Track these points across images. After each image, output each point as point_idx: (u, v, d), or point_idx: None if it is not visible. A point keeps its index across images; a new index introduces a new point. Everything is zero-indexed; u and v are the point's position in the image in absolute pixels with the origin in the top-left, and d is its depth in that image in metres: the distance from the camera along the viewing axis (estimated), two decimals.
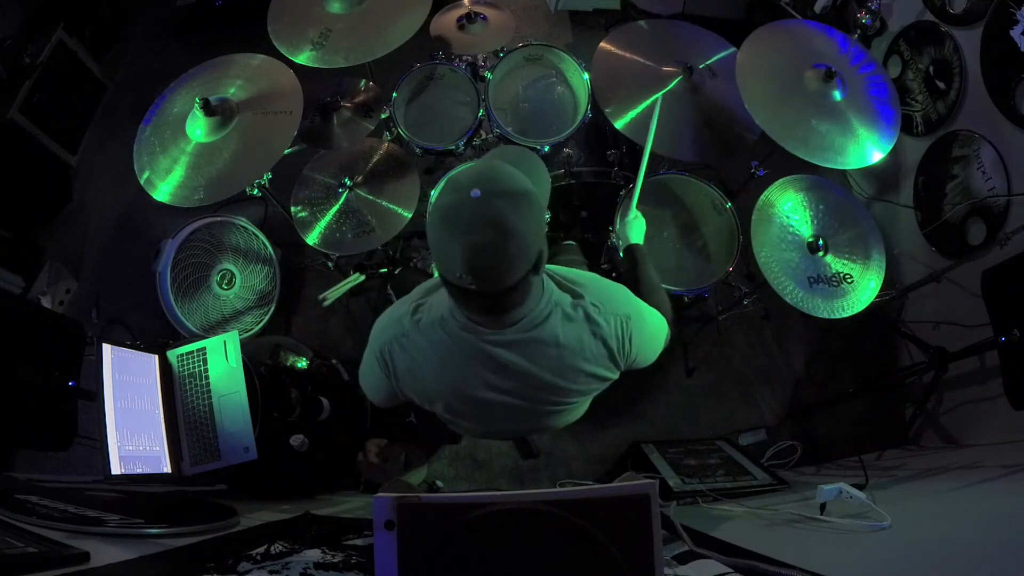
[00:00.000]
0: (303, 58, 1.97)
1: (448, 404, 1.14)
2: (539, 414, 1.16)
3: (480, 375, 1.06)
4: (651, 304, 1.21)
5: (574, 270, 1.16)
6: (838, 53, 1.94)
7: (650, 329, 1.16)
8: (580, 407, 1.22)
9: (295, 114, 1.84)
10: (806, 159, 1.76)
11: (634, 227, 1.54)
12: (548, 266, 1.06)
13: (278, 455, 1.71)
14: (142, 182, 1.82)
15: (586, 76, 2.04)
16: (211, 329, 2.25)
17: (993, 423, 2.02)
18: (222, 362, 1.67)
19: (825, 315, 1.79)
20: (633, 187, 1.64)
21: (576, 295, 1.06)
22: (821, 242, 1.85)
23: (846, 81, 1.85)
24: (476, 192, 0.87)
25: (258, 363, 1.82)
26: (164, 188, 1.80)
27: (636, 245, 1.50)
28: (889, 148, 1.81)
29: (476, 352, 1.03)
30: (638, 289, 1.29)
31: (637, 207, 1.58)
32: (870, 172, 2.67)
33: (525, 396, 1.10)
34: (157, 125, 1.91)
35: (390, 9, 2.03)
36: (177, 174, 1.81)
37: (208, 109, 1.81)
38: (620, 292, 1.14)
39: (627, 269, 1.46)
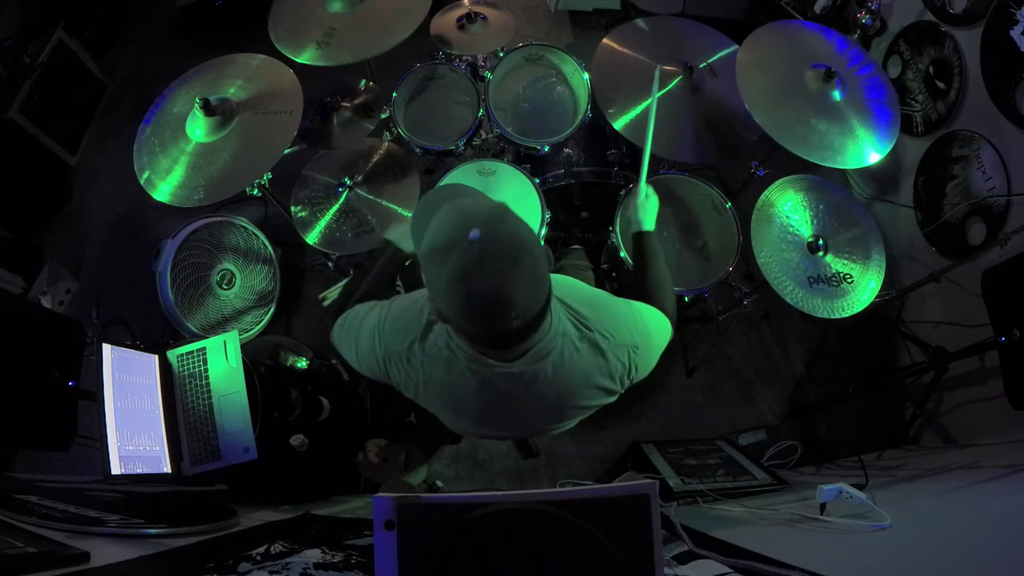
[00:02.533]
0: (306, 57, 1.96)
1: (445, 413, 1.14)
2: (538, 430, 1.17)
3: (482, 400, 1.05)
4: (657, 302, 1.19)
5: (582, 288, 1.14)
6: (837, 55, 1.94)
7: (656, 348, 1.14)
8: (576, 420, 1.23)
9: (295, 114, 1.84)
10: (805, 158, 1.76)
11: (647, 209, 1.38)
12: (554, 277, 1.03)
13: (278, 455, 1.71)
14: (142, 182, 1.82)
15: (586, 76, 2.04)
16: (211, 329, 2.25)
17: (993, 423, 2.02)
18: (222, 362, 1.67)
19: (825, 315, 1.79)
20: (639, 172, 1.51)
21: (584, 325, 1.03)
22: (821, 242, 1.85)
23: (846, 81, 1.85)
24: (475, 234, 0.84)
25: (258, 363, 1.82)
26: (164, 188, 1.80)
27: (648, 233, 1.36)
28: (887, 150, 1.81)
29: (480, 381, 1.02)
30: (645, 284, 1.26)
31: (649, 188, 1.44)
32: (870, 172, 2.67)
33: (526, 418, 1.10)
34: (157, 125, 1.91)
35: (391, 5, 2.03)
36: (177, 174, 1.81)
37: (208, 109, 1.81)
38: (628, 315, 1.11)
39: (636, 260, 1.36)
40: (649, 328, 1.13)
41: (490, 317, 0.87)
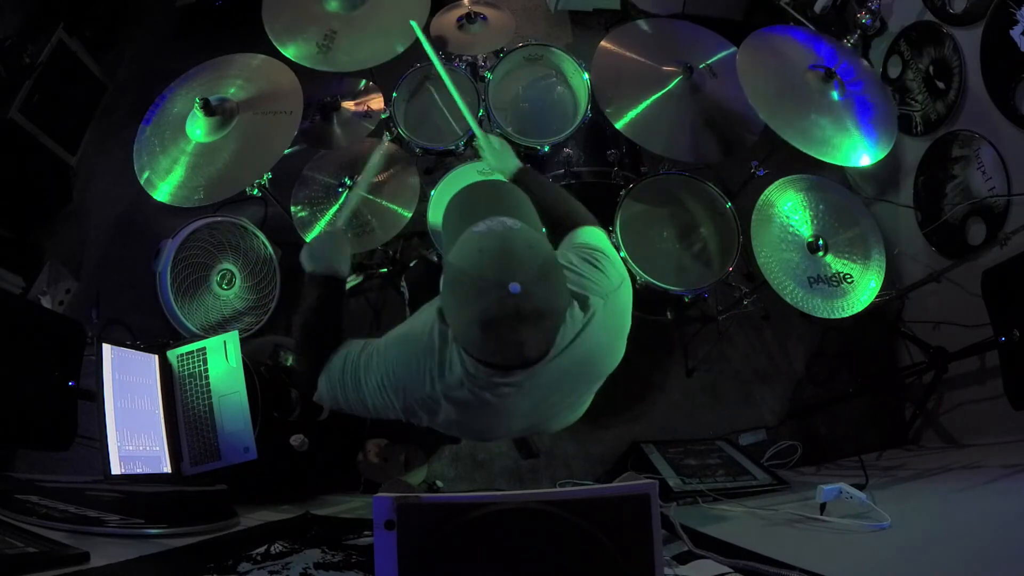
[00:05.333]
0: (305, 59, 1.96)
1: (471, 434, 1.14)
2: (548, 422, 1.15)
3: (505, 414, 1.03)
4: (572, 214, 1.16)
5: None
6: (826, 65, 1.92)
7: (610, 252, 1.11)
8: (583, 405, 1.22)
9: (295, 114, 1.84)
10: (806, 151, 1.75)
11: (497, 151, 1.36)
12: None
13: (278, 455, 1.71)
14: (142, 182, 1.83)
15: (586, 76, 2.04)
16: (211, 329, 2.25)
17: (993, 423, 2.02)
18: (222, 362, 1.67)
19: (825, 315, 1.79)
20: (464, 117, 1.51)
21: (583, 299, 1.02)
22: (821, 242, 1.86)
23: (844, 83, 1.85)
24: (516, 287, 0.81)
25: (258, 363, 1.82)
26: (164, 188, 1.80)
27: (519, 172, 1.29)
28: (878, 158, 1.81)
29: (502, 393, 0.99)
30: (550, 213, 1.19)
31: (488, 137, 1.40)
32: (870, 172, 2.67)
33: (541, 411, 1.09)
34: (157, 125, 1.91)
35: (390, 9, 2.03)
36: (177, 174, 1.81)
37: (208, 109, 1.81)
38: (612, 265, 1.08)
39: (533, 197, 1.22)
40: (615, 260, 1.10)
41: (509, 359, 0.88)
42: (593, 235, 1.14)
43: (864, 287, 1.84)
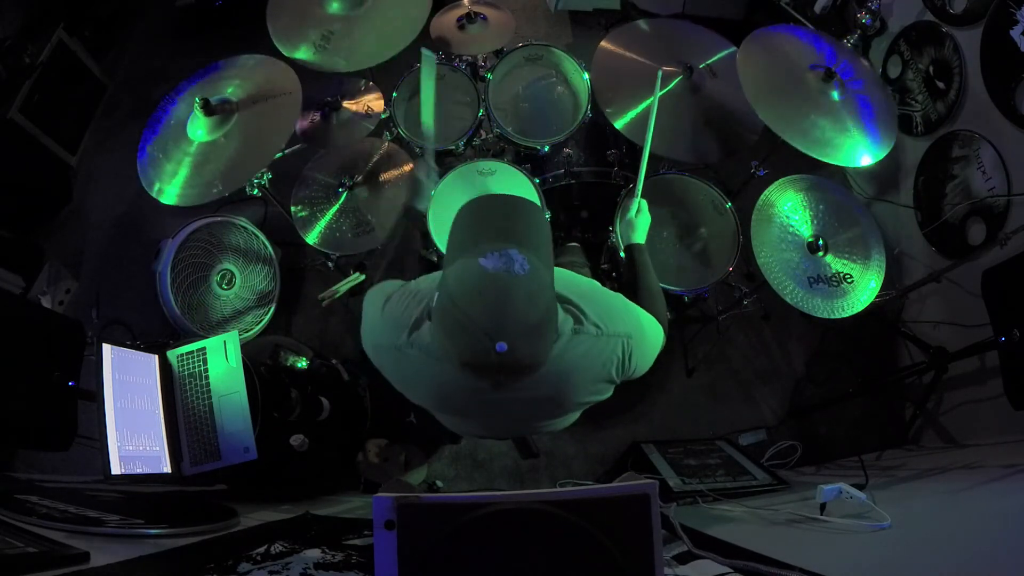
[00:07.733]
0: (303, 58, 1.96)
1: (439, 409, 1.14)
2: (532, 425, 1.17)
3: (474, 394, 1.04)
4: (649, 310, 1.19)
5: (576, 279, 1.14)
6: (826, 65, 1.92)
7: (649, 342, 1.14)
8: (574, 415, 1.22)
9: (295, 94, 1.85)
10: (806, 152, 1.75)
11: (637, 225, 1.45)
12: None
13: (278, 455, 1.71)
14: (153, 194, 1.84)
15: (586, 76, 2.03)
16: (211, 329, 2.25)
17: (993, 423, 2.02)
18: (222, 362, 1.67)
19: (825, 315, 1.79)
20: (635, 183, 1.56)
21: (577, 317, 1.03)
22: (821, 242, 1.85)
23: (844, 83, 1.85)
24: (502, 347, 0.85)
25: (258, 363, 1.82)
26: (171, 191, 1.81)
27: (638, 245, 1.42)
28: (879, 157, 1.81)
29: (472, 377, 1.00)
30: (637, 294, 1.27)
31: (642, 203, 1.49)
32: (870, 172, 2.67)
33: (520, 412, 1.10)
34: (160, 139, 1.92)
35: (390, 11, 2.03)
36: (182, 175, 1.82)
37: (208, 109, 1.82)
38: (621, 308, 1.12)
39: (627, 271, 1.39)
40: (641, 321, 1.14)
41: (483, 379, 0.93)
42: (647, 317, 1.17)
43: (864, 287, 1.84)
